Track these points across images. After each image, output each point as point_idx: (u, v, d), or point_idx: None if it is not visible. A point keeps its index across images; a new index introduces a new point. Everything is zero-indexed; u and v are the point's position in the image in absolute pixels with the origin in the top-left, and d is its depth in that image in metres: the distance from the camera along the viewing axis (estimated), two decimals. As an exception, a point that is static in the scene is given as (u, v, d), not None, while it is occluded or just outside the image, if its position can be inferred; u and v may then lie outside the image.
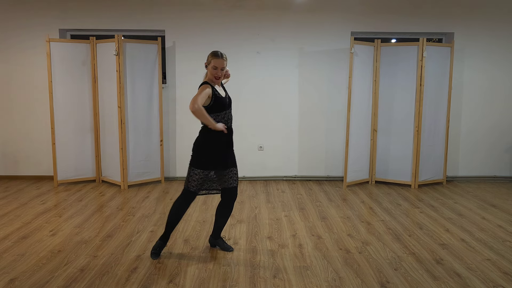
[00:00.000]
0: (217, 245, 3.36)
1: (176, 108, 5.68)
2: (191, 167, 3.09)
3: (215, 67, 3.01)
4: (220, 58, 3.02)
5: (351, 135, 5.28)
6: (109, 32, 5.59)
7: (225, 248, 3.31)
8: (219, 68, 3.02)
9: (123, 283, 2.77)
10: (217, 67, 3.01)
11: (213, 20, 5.53)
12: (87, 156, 5.50)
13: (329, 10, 5.56)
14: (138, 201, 4.70)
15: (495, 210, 4.43)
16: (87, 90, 5.41)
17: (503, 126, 5.79)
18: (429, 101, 5.29)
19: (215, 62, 3.02)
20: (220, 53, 3.04)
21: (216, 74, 3.03)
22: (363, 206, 4.54)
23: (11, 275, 2.88)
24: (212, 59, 3.03)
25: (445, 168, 5.53)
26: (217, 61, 3.01)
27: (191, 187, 3.10)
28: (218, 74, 3.03)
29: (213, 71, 3.03)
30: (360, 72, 5.28)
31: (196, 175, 3.07)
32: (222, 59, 3.02)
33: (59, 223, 3.95)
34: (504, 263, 3.10)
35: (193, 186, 3.09)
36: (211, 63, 3.02)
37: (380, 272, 2.94)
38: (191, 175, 3.08)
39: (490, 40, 5.61)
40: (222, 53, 3.05)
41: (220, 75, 3.04)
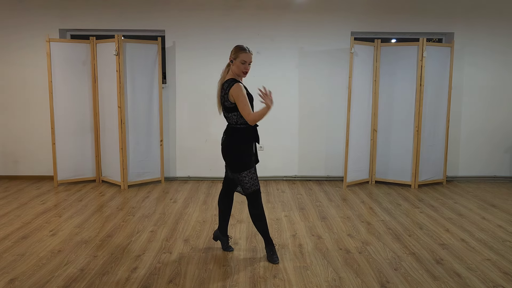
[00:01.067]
0: (220, 241, 3.32)
1: (176, 108, 5.68)
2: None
3: (243, 61, 2.92)
4: (248, 52, 2.93)
5: (351, 135, 5.28)
6: (109, 32, 5.59)
7: (226, 248, 3.30)
8: (247, 63, 2.94)
9: (123, 283, 2.77)
10: (245, 61, 2.93)
11: (213, 20, 5.53)
12: (87, 156, 5.50)
13: (329, 10, 5.56)
14: (138, 201, 4.70)
15: (495, 210, 4.43)
16: (87, 90, 5.41)
17: (503, 126, 5.79)
18: (429, 101, 5.29)
19: (243, 56, 2.92)
20: (246, 47, 2.96)
21: (245, 69, 2.95)
22: (363, 206, 4.54)
23: (11, 275, 2.88)
24: (240, 53, 2.93)
25: (445, 168, 5.53)
26: (246, 55, 2.92)
27: (257, 185, 3.02)
28: (247, 68, 2.95)
29: (241, 66, 2.94)
30: (360, 72, 5.28)
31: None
32: (250, 53, 2.94)
33: (59, 223, 3.95)
34: (504, 263, 3.10)
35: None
36: (239, 58, 2.92)
37: (380, 272, 2.94)
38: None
39: (490, 40, 5.61)
40: (247, 47, 2.97)
41: (248, 70, 2.97)
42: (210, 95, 5.66)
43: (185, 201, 4.70)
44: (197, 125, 5.72)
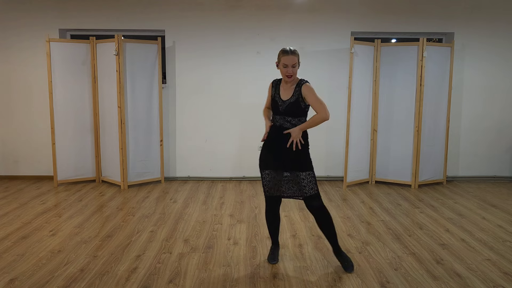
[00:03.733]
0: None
1: (176, 108, 5.68)
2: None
3: (284, 65, 2.78)
4: (289, 54, 2.77)
5: (351, 135, 5.28)
6: (109, 32, 5.59)
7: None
8: (289, 66, 2.78)
9: (123, 283, 2.77)
10: (287, 65, 2.78)
11: (213, 20, 5.53)
12: (87, 156, 5.50)
13: (329, 10, 5.56)
14: (138, 201, 4.70)
15: (495, 210, 4.43)
16: (87, 90, 5.41)
17: (503, 126, 5.79)
18: (429, 101, 5.29)
19: (284, 59, 2.78)
20: (289, 49, 2.80)
21: (287, 73, 2.79)
22: (363, 206, 4.54)
23: (11, 275, 2.88)
24: (281, 56, 2.79)
25: (445, 168, 5.53)
26: (286, 58, 2.77)
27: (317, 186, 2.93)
28: (289, 72, 2.79)
29: (283, 70, 2.80)
30: (360, 72, 5.28)
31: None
32: (291, 55, 2.77)
33: (59, 223, 3.94)
34: (504, 263, 3.10)
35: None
36: (280, 61, 2.80)
37: (380, 272, 2.94)
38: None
39: (490, 40, 5.61)
40: (291, 49, 2.80)
41: (291, 73, 2.79)
42: (210, 95, 5.68)
43: (185, 201, 4.70)
44: (197, 125, 5.72)
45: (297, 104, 2.84)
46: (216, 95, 5.67)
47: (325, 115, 2.80)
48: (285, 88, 2.91)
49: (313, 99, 2.81)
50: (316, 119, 2.81)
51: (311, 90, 2.83)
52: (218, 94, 5.67)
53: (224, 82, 5.65)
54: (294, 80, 2.87)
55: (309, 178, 2.86)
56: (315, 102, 2.81)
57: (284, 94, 2.90)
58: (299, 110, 2.86)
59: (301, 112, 2.88)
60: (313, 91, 2.83)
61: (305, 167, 2.87)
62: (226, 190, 5.21)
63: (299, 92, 2.83)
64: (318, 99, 2.82)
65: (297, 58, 2.82)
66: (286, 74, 2.82)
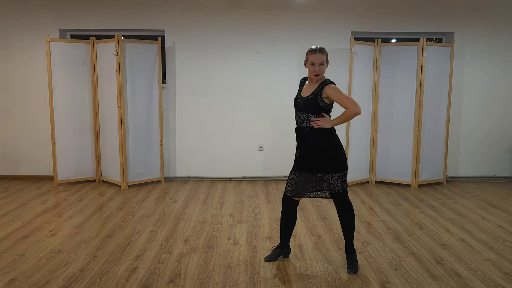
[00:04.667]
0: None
1: (176, 108, 5.67)
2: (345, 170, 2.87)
3: (312, 63, 2.78)
4: (317, 53, 2.77)
5: (351, 135, 5.28)
6: (109, 32, 5.59)
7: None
8: (316, 64, 2.78)
9: (123, 283, 2.77)
10: (314, 63, 2.78)
11: (213, 20, 5.53)
12: (87, 156, 5.50)
13: (329, 10, 5.56)
14: (138, 201, 4.70)
15: (495, 210, 4.43)
16: (87, 90, 5.41)
17: (503, 126, 5.79)
18: (429, 101, 5.29)
19: (311, 57, 2.78)
20: (317, 47, 2.79)
21: (315, 71, 2.79)
22: (363, 206, 4.54)
23: (11, 275, 2.88)
24: (308, 55, 2.80)
25: (445, 168, 5.53)
26: (313, 56, 2.77)
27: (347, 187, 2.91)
28: (316, 70, 2.79)
29: (310, 68, 2.79)
30: (360, 72, 5.28)
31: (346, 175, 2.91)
32: (319, 54, 2.77)
33: (59, 223, 3.94)
34: (504, 263, 3.10)
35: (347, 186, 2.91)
36: (308, 60, 2.80)
37: (380, 272, 2.94)
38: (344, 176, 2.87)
39: (490, 40, 5.61)
40: (318, 47, 2.80)
41: (319, 72, 2.79)
42: (210, 94, 5.67)
43: (185, 201, 4.70)
44: (197, 125, 5.72)
45: (315, 101, 2.81)
46: (216, 95, 5.67)
47: (355, 109, 2.76)
48: (309, 86, 2.91)
49: (339, 97, 2.77)
50: (347, 113, 2.78)
51: (335, 89, 2.78)
52: (218, 94, 5.67)
53: (224, 82, 5.64)
54: (321, 78, 2.86)
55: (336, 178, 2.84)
56: (342, 99, 2.77)
57: (306, 91, 2.90)
58: (315, 107, 2.82)
59: (318, 109, 2.83)
60: (338, 90, 2.78)
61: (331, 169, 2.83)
62: (226, 190, 5.21)
63: (321, 91, 2.81)
64: (345, 96, 2.78)
65: (325, 56, 2.81)
66: (314, 72, 2.81)
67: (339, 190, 2.86)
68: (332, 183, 2.85)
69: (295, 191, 2.95)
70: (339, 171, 2.84)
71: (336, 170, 2.83)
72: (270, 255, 3.13)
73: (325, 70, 2.85)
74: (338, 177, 2.84)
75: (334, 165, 2.84)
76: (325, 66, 2.83)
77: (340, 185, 2.85)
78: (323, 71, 2.82)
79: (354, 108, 2.76)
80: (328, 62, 2.86)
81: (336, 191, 2.86)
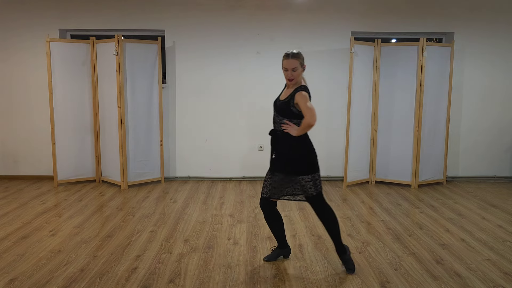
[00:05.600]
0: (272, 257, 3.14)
1: (176, 108, 5.68)
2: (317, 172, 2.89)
3: (285, 68, 2.80)
4: (289, 58, 2.78)
5: (351, 135, 5.28)
6: (109, 32, 5.59)
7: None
8: (289, 69, 2.79)
9: (123, 283, 2.77)
10: (287, 69, 2.80)
11: (213, 20, 5.53)
12: (87, 156, 5.50)
13: (329, 10, 5.56)
14: (138, 201, 4.70)
15: (495, 210, 4.43)
16: (87, 90, 5.41)
17: (503, 126, 5.79)
18: (429, 101, 5.29)
19: (284, 63, 2.80)
20: (290, 53, 2.80)
21: (287, 76, 2.81)
22: (363, 206, 4.54)
23: (11, 275, 2.88)
24: (282, 60, 2.82)
25: (445, 168, 5.53)
26: (285, 61, 2.80)
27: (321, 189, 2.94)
28: (289, 75, 2.80)
29: (284, 73, 2.82)
30: (360, 72, 5.28)
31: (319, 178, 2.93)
32: (291, 59, 2.78)
33: (59, 223, 3.94)
34: (504, 263, 3.10)
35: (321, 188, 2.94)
36: (282, 65, 2.81)
37: (380, 272, 2.94)
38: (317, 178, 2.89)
39: (490, 40, 5.61)
40: (292, 52, 2.81)
41: (291, 77, 2.80)
42: (210, 94, 5.68)
43: (185, 201, 4.70)
44: (197, 125, 5.72)
45: (287, 106, 2.84)
46: (216, 95, 5.67)
47: (310, 119, 2.75)
48: (287, 89, 2.96)
49: (302, 105, 2.77)
50: (304, 123, 2.79)
51: (303, 97, 2.77)
52: (218, 94, 5.67)
53: (224, 82, 5.65)
54: (296, 83, 2.87)
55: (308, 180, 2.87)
56: (303, 108, 2.77)
57: (284, 95, 2.94)
58: (288, 112, 2.85)
59: (291, 114, 2.85)
60: (305, 99, 2.76)
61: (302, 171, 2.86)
62: (226, 190, 5.21)
63: (293, 97, 2.82)
64: (307, 106, 2.75)
65: (299, 61, 2.81)
66: (287, 77, 2.84)
67: (312, 192, 2.88)
68: (304, 185, 2.87)
69: (270, 192, 2.97)
70: (310, 173, 2.86)
71: (307, 172, 2.85)
72: (270, 255, 3.14)
73: (299, 75, 2.85)
74: (310, 179, 2.86)
75: (305, 168, 2.86)
76: (300, 71, 2.83)
77: (312, 187, 2.87)
78: (296, 76, 2.82)
79: (309, 118, 2.75)
80: (304, 67, 2.86)
81: (309, 193, 2.88)
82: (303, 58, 2.88)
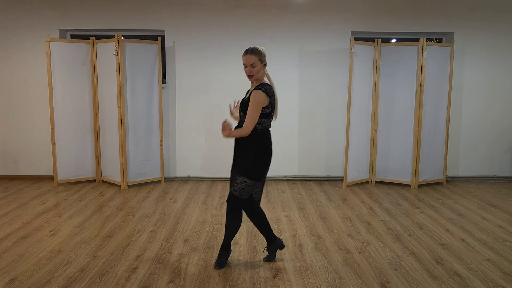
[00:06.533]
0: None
1: (176, 108, 5.67)
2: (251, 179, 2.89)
3: (244, 65, 2.76)
4: (247, 54, 2.75)
5: (351, 135, 5.28)
6: (109, 32, 5.59)
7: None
8: (248, 66, 2.76)
9: (123, 283, 2.77)
10: (246, 65, 2.76)
11: (213, 20, 5.53)
12: (87, 156, 5.50)
13: (329, 10, 5.56)
14: (138, 201, 4.70)
15: (495, 210, 4.43)
16: (87, 90, 5.41)
17: (503, 126, 5.79)
18: (429, 101, 5.29)
19: (243, 59, 2.74)
20: (249, 49, 2.77)
21: (246, 72, 2.79)
22: (363, 206, 4.54)
23: (11, 275, 2.88)
24: (242, 56, 2.77)
25: (445, 168, 5.53)
26: (245, 58, 2.75)
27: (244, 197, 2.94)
28: (247, 72, 2.78)
29: (244, 70, 2.78)
30: (360, 72, 5.28)
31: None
32: (249, 55, 2.74)
33: (59, 223, 3.94)
34: (504, 263, 3.10)
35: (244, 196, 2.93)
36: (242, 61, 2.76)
37: (380, 272, 2.94)
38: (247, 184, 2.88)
39: (490, 40, 5.61)
40: (251, 48, 2.77)
41: (250, 73, 2.77)
42: (210, 94, 5.67)
43: (185, 201, 4.70)
44: (197, 125, 5.72)
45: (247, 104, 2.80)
46: (216, 95, 5.67)
47: (244, 129, 2.76)
48: (251, 87, 2.93)
49: (249, 107, 2.76)
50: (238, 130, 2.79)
51: (254, 98, 2.74)
52: (218, 94, 5.67)
53: (224, 82, 5.64)
54: (257, 80, 2.84)
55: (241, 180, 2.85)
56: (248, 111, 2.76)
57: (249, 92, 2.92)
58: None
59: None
60: (255, 101, 2.73)
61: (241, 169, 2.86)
62: (226, 190, 5.20)
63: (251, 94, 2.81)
64: (251, 112, 2.74)
65: (258, 57, 2.77)
66: (246, 74, 2.81)
67: (233, 190, 2.87)
68: (234, 179, 2.88)
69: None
70: (245, 175, 2.84)
71: (244, 173, 2.84)
72: (268, 255, 3.13)
73: (259, 72, 2.81)
74: (240, 180, 2.84)
75: (246, 168, 2.84)
76: (259, 67, 2.79)
77: (237, 188, 2.85)
78: (255, 72, 2.79)
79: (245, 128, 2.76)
80: (265, 64, 2.83)
81: (232, 189, 2.89)
82: (264, 55, 2.83)
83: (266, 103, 2.79)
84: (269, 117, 2.89)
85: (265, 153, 2.92)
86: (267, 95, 2.79)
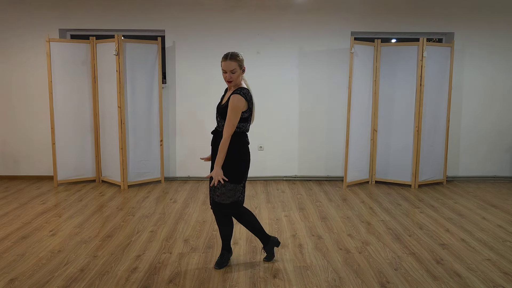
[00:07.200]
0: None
1: (176, 108, 5.67)
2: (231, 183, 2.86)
3: (223, 70, 2.76)
4: (227, 60, 2.74)
5: (351, 135, 5.28)
6: (109, 32, 5.59)
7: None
8: (227, 71, 2.75)
9: (123, 283, 2.77)
10: (225, 71, 2.76)
11: (213, 20, 5.53)
12: (87, 156, 5.50)
13: (329, 10, 5.56)
14: (138, 201, 4.70)
15: (495, 210, 4.43)
16: (87, 90, 5.41)
17: (503, 126, 5.79)
18: (429, 101, 5.29)
19: (223, 65, 2.74)
20: (228, 54, 2.76)
21: (225, 78, 2.78)
22: (363, 206, 4.54)
23: (11, 275, 2.88)
24: (221, 62, 2.77)
25: (445, 168, 5.53)
26: (225, 63, 2.75)
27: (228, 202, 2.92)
28: (227, 77, 2.77)
29: (223, 75, 2.77)
30: (360, 72, 5.28)
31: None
32: (229, 61, 2.74)
33: (59, 223, 3.94)
34: (504, 263, 3.10)
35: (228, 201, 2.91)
36: (221, 67, 2.76)
37: (380, 272, 2.94)
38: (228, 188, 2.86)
39: (490, 40, 5.61)
40: (230, 54, 2.76)
41: (229, 79, 2.77)
42: (210, 95, 5.67)
43: (185, 201, 4.70)
44: (197, 125, 5.72)
45: (226, 110, 2.79)
46: (216, 95, 5.63)
47: (225, 137, 2.74)
48: (228, 92, 2.91)
49: (228, 111, 2.74)
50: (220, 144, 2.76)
51: (233, 104, 2.73)
52: (218, 94, 5.62)
53: (224, 82, 5.60)
54: (236, 85, 2.83)
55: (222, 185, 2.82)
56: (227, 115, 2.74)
57: (225, 97, 2.89)
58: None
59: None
60: (234, 106, 2.72)
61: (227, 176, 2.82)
62: (226, 190, 5.20)
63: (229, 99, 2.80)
64: (229, 117, 2.72)
65: (238, 63, 2.76)
66: (225, 79, 2.79)
67: (215, 196, 2.86)
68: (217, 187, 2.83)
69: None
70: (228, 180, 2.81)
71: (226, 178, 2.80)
72: (267, 255, 3.13)
73: (238, 77, 2.80)
74: (221, 185, 2.81)
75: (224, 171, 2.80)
76: (239, 73, 2.78)
77: (219, 192, 2.83)
78: (235, 78, 2.78)
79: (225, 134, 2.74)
80: (243, 69, 2.83)
81: (213, 195, 2.87)
82: (243, 60, 2.83)
83: (245, 107, 2.79)
84: (247, 121, 2.88)
85: (242, 155, 2.89)
86: (246, 100, 2.79)
